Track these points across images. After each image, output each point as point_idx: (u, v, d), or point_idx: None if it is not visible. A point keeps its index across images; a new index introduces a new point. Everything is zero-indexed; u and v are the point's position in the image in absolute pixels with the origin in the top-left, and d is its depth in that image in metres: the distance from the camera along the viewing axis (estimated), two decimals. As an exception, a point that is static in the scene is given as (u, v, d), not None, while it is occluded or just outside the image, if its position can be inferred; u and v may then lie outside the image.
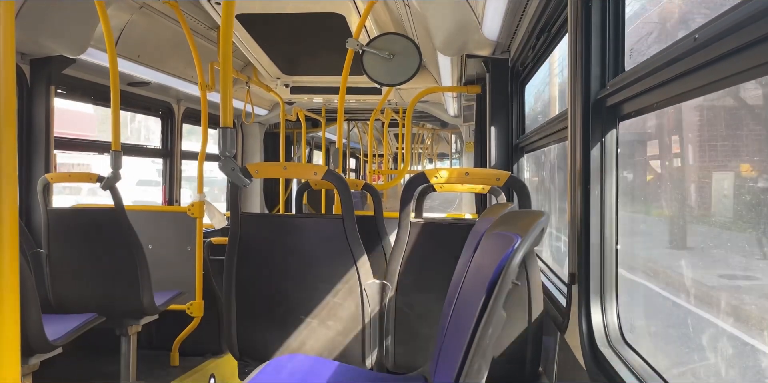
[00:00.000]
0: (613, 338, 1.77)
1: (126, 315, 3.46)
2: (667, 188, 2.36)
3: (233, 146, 2.29)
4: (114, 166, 3.42)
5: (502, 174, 2.50)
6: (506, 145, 4.13)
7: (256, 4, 3.86)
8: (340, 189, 2.53)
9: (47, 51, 3.70)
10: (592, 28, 1.80)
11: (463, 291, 1.53)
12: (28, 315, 2.48)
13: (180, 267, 4.03)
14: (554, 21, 2.75)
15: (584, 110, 1.81)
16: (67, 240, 3.47)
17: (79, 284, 3.49)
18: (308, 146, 10.39)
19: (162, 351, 4.17)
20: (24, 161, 3.77)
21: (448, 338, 1.57)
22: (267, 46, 4.89)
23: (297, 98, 6.50)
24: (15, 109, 1.00)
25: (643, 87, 1.48)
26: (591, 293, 1.80)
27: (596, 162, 1.79)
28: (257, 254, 2.61)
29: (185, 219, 3.94)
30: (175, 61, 4.89)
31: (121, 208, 3.35)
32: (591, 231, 1.81)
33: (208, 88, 4.29)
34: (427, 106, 7.31)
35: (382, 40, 3.87)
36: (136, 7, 4.10)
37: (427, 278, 2.61)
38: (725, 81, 1.11)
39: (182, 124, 5.93)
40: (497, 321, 1.04)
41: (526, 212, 1.32)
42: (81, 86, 4.49)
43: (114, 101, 3.47)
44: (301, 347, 2.61)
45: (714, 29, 1.08)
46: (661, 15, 2.19)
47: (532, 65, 3.55)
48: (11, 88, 0.97)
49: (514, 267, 1.08)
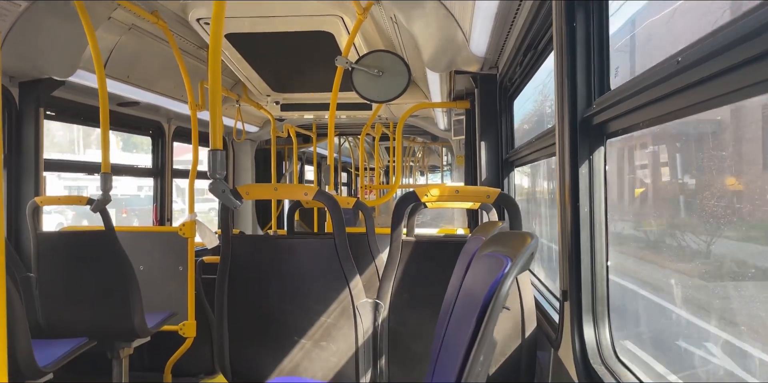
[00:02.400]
0: (606, 355, 1.77)
1: (117, 337, 3.43)
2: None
3: (223, 168, 2.28)
4: (104, 188, 3.40)
5: (493, 191, 2.51)
6: (496, 160, 4.15)
7: (244, 22, 3.88)
8: (331, 209, 2.53)
9: (36, 74, 3.71)
10: (577, 47, 1.82)
11: (455, 313, 1.53)
12: (18, 340, 2.45)
13: (172, 287, 4.01)
14: (540, 38, 2.78)
15: (571, 128, 1.83)
16: (56, 263, 3.45)
17: (69, 308, 3.46)
18: (300, 162, 10.39)
19: (154, 373, 4.13)
20: (13, 184, 3.75)
21: (440, 360, 1.57)
22: (257, 65, 4.91)
23: (287, 115, 6.52)
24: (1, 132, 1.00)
25: (628, 106, 1.50)
26: (583, 310, 1.81)
27: (585, 179, 1.81)
28: (249, 275, 2.60)
29: (176, 239, 3.92)
30: (165, 80, 4.90)
31: (111, 230, 3.33)
32: (582, 249, 1.82)
33: (198, 107, 4.30)
34: (417, 120, 7.35)
35: (371, 58, 3.90)
36: (125, 28, 4.11)
37: (419, 296, 2.61)
38: (706, 103, 1.13)
39: (173, 142, 5.92)
40: (488, 347, 1.04)
41: (516, 233, 1.33)
42: (70, 108, 4.49)
43: (103, 123, 3.47)
44: (294, 368, 2.59)
45: (696, 53, 1.10)
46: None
47: (520, 81, 3.58)
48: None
49: (504, 293, 1.08)
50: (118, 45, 4.18)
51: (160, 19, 3.81)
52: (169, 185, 5.82)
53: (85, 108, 4.56)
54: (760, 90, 0.97)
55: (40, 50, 3.56)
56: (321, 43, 4.22)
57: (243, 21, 3.86)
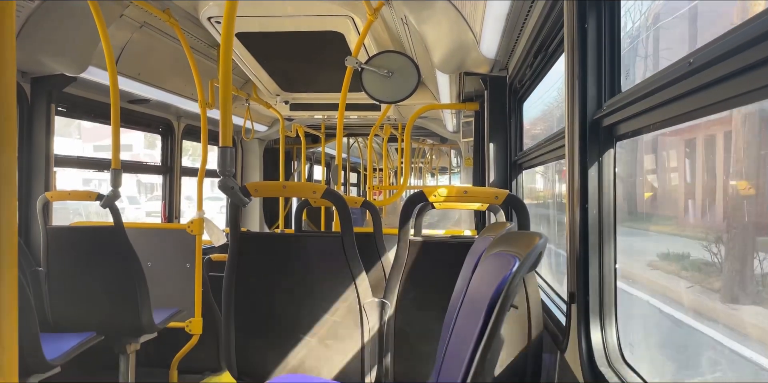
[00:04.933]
0: (613, 358, 1.76)
1: (125, 333, 3.45)
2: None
3: (233, 165, 2.29)
4: (114, 184, 3.42)
5: (501, 193, 2.51)
6: (505, 162, 4.14)
7: (255, 22, 3.90)
8: (339, 207, 2.54)
9: (48, 70, 3.73)
10: (588, 49, 1.82)
11: (462, 312, 1.53)
12: (26, 334, 2.47)
13: (179, 284, 4.03)
14: (551, 40, 2.78)
15: (581, 130, 1.82)
16: (66, 258, 3.47)
17: (77, 302, 3.48)
18: (308, 162, 10.41)
19: (161, 369, 4.15)
20: (24, 179, 3.78)
21: (447, 359, 1.57)
22: (266, 64, 4.93)
23: (297, 115, 6.54)
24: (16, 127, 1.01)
25: (639, 109, 1.49)
26: (590, 312, 1.80)
27: (594, 182, 1.80)
28: (256, 272, 2.61)
29: (184, 236, 3.94)
30: (176, 78, 4.92)
31: (121, 226, 3.35)
32: (590, 251, 1.81)
33: (208, 105, 4.32)
34: (426, 121, 7.35)
35: (381, 58, 3.91)
36: (137, 26, 4.14)
37: (426, 296, 2.60)
38: (718, 105, 1.12)
39: (182, 140, 5.95)
40: (495, 346, 1.04)
41: (524, 233, 1.33)
42: (81, 104, 4.52)
43: (114, 119, 3.49)
44: (299, 366, 2.59)
45: (709, 54, 1.09)
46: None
47: (530, 83, 3.58)
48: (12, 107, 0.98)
49: (512, 292, 1.08)
50: (129, 42, 4.21)
51: (172, 18, 3.83)
52: (178, 183, 5.85)
53: (97, 104, 4.60)
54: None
55: (52, 46, 3.59)
56: (331, 43, 4.23)
57: (254, 20, 3.88)
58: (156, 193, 26.98)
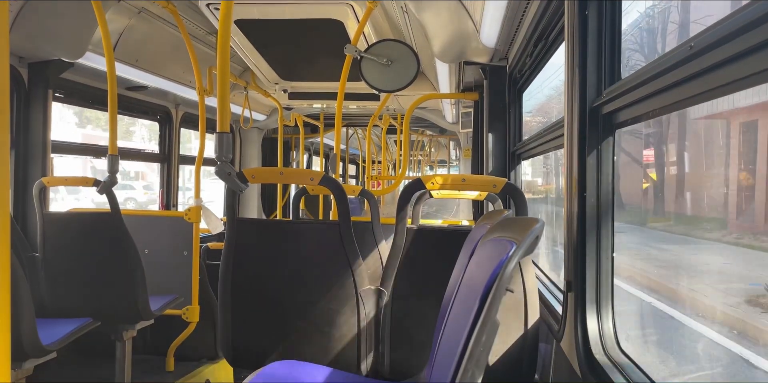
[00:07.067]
0: (609, 346, 1.76)
1: (121, 319, 3.45)
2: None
3: (230, 151, 2.28)
4: (111, 170, 3.41)
5: (499, 181, 2.50)
6: (503, 152, 4.13)
7: (254, 9, 3.87)
8: (336, 195, 2.53)
9: (45, 55, 3.71)
10: (588, 36, 1.80)
11: (459, 298, 1.53)
12: (22, 319, 2.46)
13: (176, 271, 4.03)
14: (552, 28, 2.76)
15: (581, 118, 1.81)
16: (62, 244, 3.46)
17: (74, 288, 3.48)
18: (307, 152, 10.39)
19: (157, 356, 4.15)
20: (21, 165, 3.76)
21: (443, 345, 1.57)
22: (265, 52, 4.90)
23: (295, 104, 6.51)
24: (8, 112, 1.00)
25: (639, 95, 1.48)
26: (587, 301, 1.80)
27: (593, 170, 1.80)
28: (253, 260, 2.60)
29: (182, 223, 3.94)
30: (174, 65, 4.89)
31: (118, 212, 3.34)
32: (587, 239, 1.81)
33: (206, 93, 4.29)
34: (425, 112, 7.32)
35: (381, 47, 3.89)
36: (134, 12, 4.10)
37: (422, 284, 2.60)
38: (720, 89, 1.11)
39: (180, 128, 5.92)
40: (491, 328, 1.04)
41: (521, 219, 1.32)
42: (79, 90, 4.49)
43: (111, 105, 3.47)
44: (296, 353, 2.60)
45: (709, 38, 1.08)
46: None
47: (530, 72, 3.56)
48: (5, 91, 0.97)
49: (508, 275, 1.08)
50: (127, 28, 4.18)
51: (170, 3, 3.80)
52: (176, 171, 5.83)
53: (94, 91, 4.57)
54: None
55: (49, 31, 3.56)
56: (330, 32, 4.20)
57: (252, 7, 3.85)
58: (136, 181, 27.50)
